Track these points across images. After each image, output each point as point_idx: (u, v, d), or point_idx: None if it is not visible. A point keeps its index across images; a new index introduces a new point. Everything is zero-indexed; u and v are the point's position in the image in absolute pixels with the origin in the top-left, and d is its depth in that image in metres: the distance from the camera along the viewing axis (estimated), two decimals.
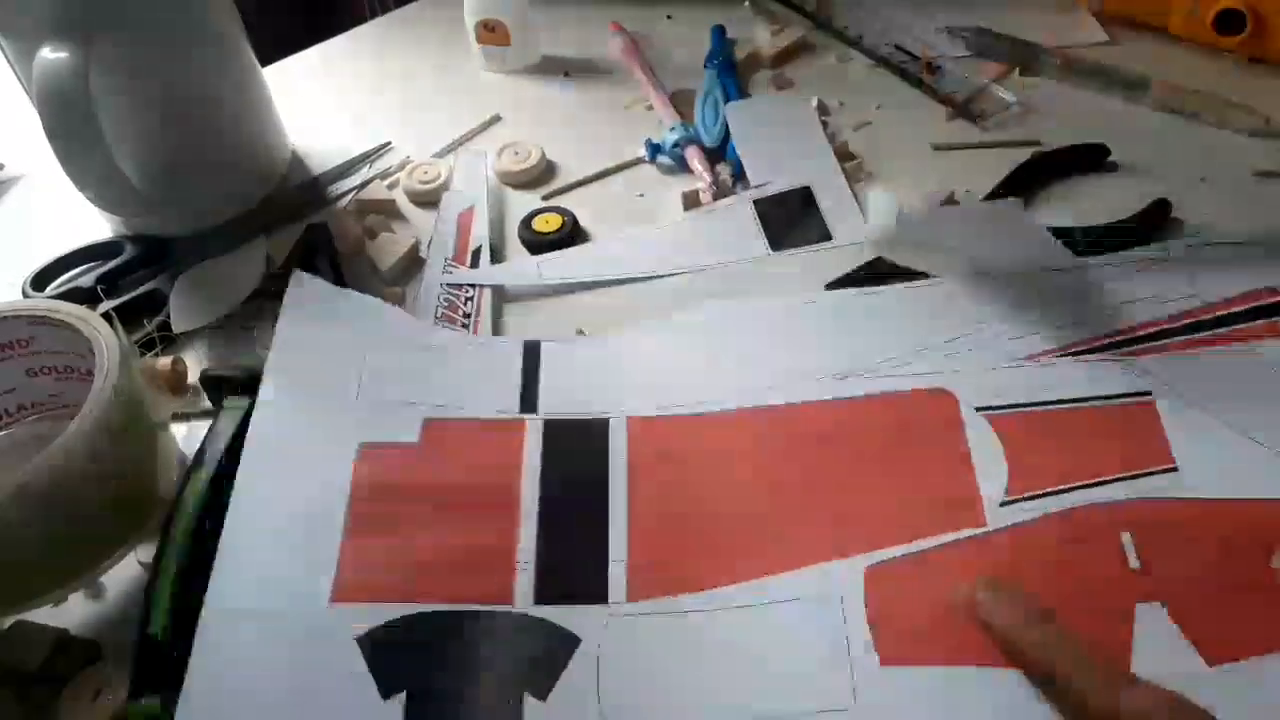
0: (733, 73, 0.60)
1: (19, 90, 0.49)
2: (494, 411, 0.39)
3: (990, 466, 0.35)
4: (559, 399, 0.39)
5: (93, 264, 0.51)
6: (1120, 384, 0.38)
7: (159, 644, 0.34)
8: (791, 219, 0.50)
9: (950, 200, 0.50)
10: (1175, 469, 0.35)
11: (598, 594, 0.33)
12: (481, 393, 0.39)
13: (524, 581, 0.33)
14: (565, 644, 0.31)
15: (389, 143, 0.59)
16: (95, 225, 0.54)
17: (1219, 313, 0.41)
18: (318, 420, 0.37)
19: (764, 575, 0.33)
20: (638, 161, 0.56)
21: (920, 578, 0.32)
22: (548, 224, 0.51)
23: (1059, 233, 0.47)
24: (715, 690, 0.30)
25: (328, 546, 0.34)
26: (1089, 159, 0.52)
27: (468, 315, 0.46)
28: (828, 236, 0.49)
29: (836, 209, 0.50)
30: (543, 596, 0.33)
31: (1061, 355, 0.40)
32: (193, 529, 0.36)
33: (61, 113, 0.42)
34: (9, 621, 0.36)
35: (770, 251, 0.48)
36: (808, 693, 0.30)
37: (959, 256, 0.44)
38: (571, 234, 0.51)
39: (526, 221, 0.51)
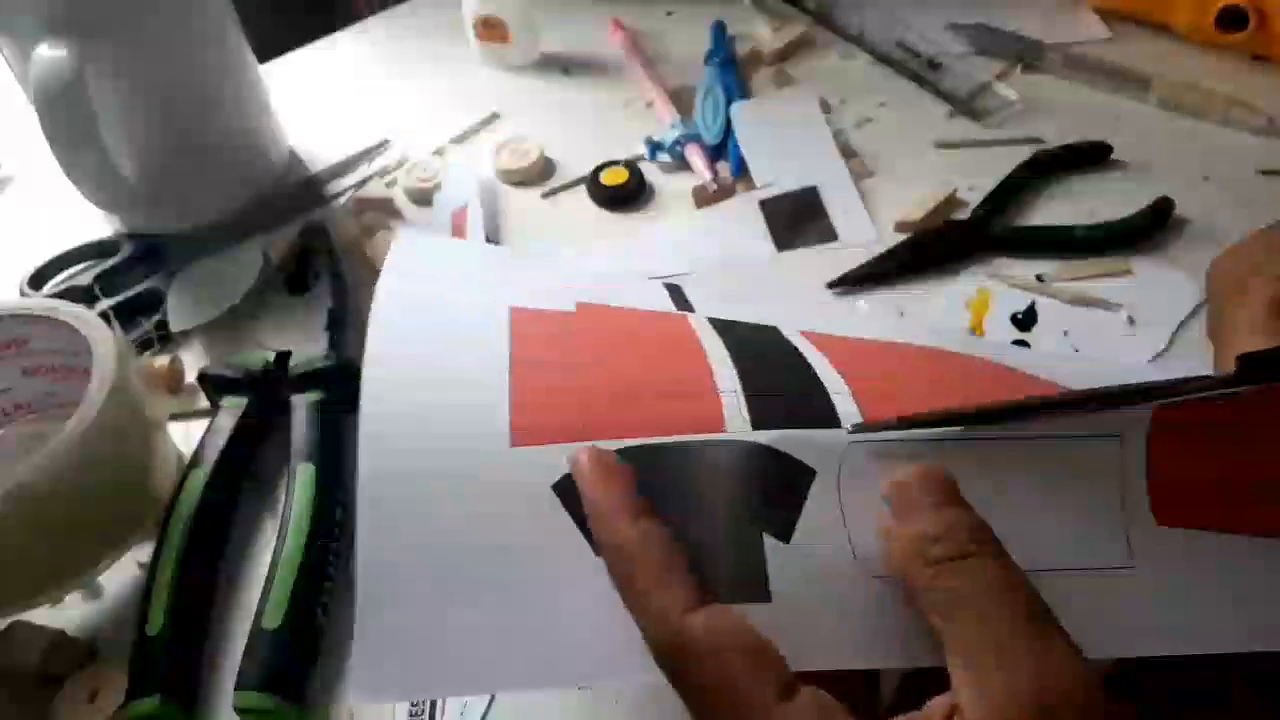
0: (733, 70, 0.60)
1: (16, 89, 0.49)
2: (651, 307, 0.34)
3: None
4: (714, 311, 0.34)
5: (90, 263, 0.51)
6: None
7: (157, 644, 0.34)
8: (797, 219, 0.50)
9: (952, 199, 0.50)
10: None
11: (827, 421, 0.27)
12: (633, 298, 0.34)
13: (733, 406, 0.27)
14: (800, 476, 0.26)
15: (387, 140, 0.59)
16: (92, 224, 0.54)
17: None
18: (459, 291, 0.31)
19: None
20: (638, 160, 0.55)
21: (1211, 434, 0.27)
22: (615, 178, 0.53)
23: (1059, 231, 0.47)
24: None
25: (495, 386, 0.27)
26: (1091, 157, 0.52)
27: None
28: (834, 236, 0.49)
29: (843, 209, 0.50)
30: (761, 421, 0.27)
31: None
32: (190, 529, 0.36)
33: (59, 111, 0.42)
34: (6, 622, 0.35)
35: (776, 251, 0.48)
36: (1079, 546, 0.26)
37: None
38: (638, 187, 0.53)
39: (594, 176, 0.53)
